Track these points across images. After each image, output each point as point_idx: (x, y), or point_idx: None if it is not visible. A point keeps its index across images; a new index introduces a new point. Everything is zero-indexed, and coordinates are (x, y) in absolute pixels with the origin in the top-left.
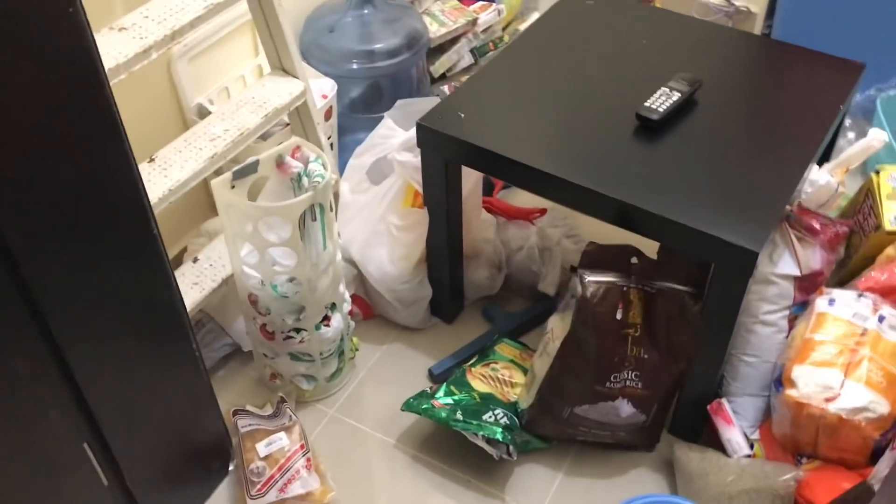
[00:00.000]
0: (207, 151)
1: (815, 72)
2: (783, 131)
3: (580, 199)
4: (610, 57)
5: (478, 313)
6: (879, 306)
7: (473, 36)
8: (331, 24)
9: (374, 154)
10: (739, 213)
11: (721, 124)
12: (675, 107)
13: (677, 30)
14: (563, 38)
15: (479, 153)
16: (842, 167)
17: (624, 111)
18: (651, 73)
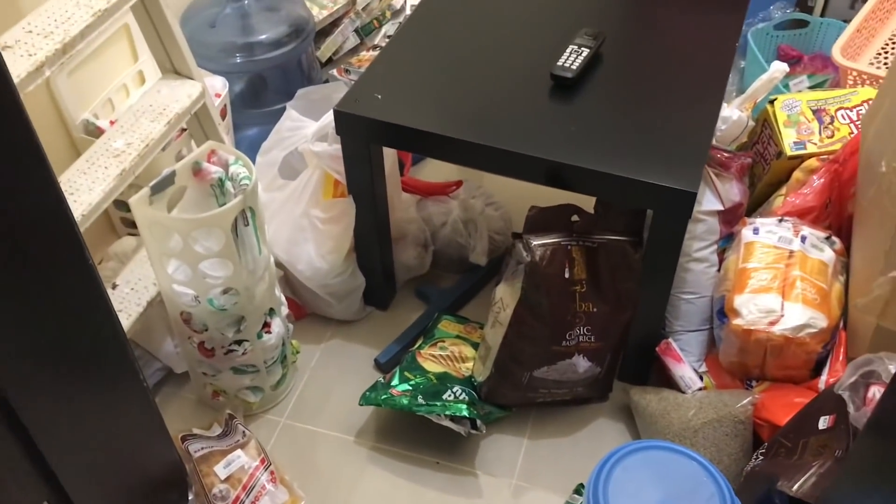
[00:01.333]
0: (114, 169)
1: (704, 12)
2: (690, 73)
3: (512, 165)
4: (510, 19)
5: (411, 295)
6: (800, 228)
7: (355, 15)
8: (210, 19)
9: (284, 148)
10: (669, 158)
11: (632, 74)
12: (586, 63)
13: None
14: (459, 5)
15: (403, 132)
16: (749, 101)
17: (537, 72)
18: (554, 31)
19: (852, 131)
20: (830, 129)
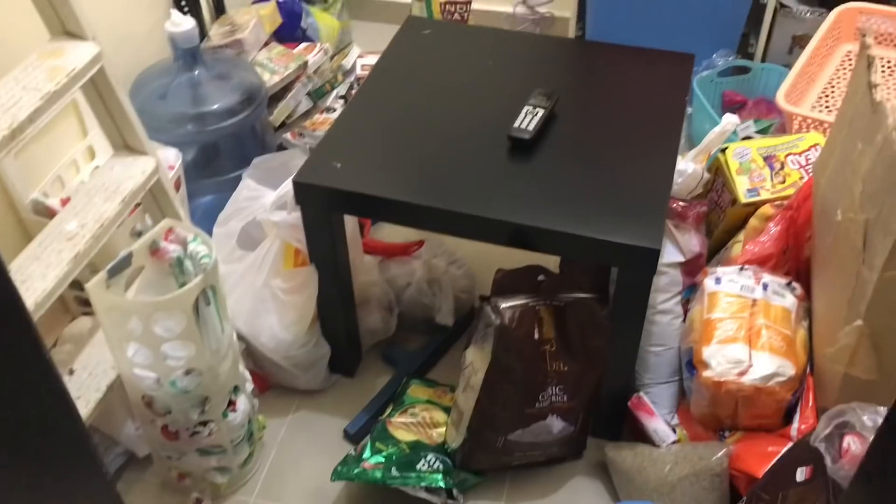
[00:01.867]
0: (68, 253)
1: (652, 67)
2: (644, 128)
3: (476, 229)
4: (465, 82)
5: (378, 360)
6: (760, 276)
7: (307, 79)
8: (161, 90)
9: (242, 219)
10: (630, 215)
11: (587, 132)
12: (542, 123)
13: (516, 46)
14: (413, 69)
15: (364, 201)
16: (703, 154)
17: (494, 133)
18: (508, 93)
19: (803, 176)
20: (781, 174)
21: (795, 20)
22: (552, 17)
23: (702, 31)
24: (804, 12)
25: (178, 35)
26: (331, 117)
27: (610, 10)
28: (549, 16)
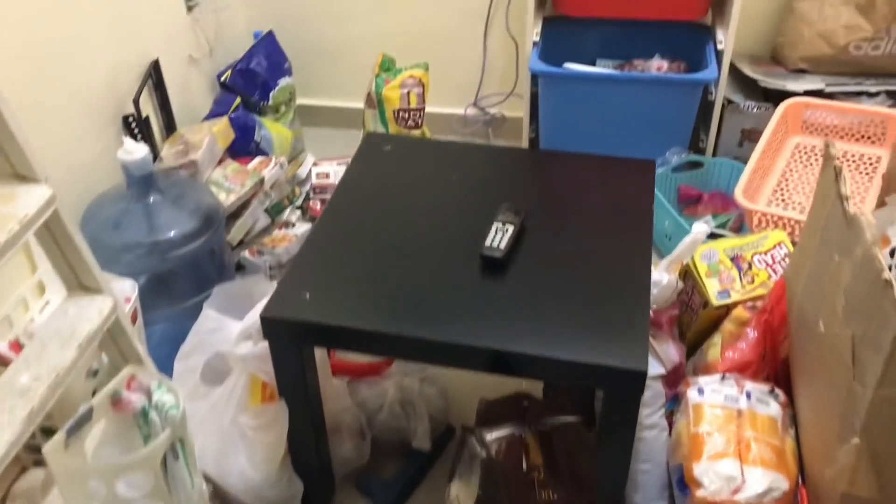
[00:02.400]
0: (21, 410)
1: (614, 175)
2: (615, 239)
3: (455, 356)
4: (431, 199)
5: (353, 490)
6: (742, 384)
7: (264, 196)
8: (114, 219)
9: (205, 352)
10: (611, 334)
11: (558, 247)
12: (512, 240)
13: (478, 159)
14: (377, 188)
15: (335, 332)
16: (676, 263)
17: (465, 254)
18: (476, 209)
19: (770, 275)
20: (749, 274)
21: (743, 115)
22: (503, 118)
23: (654, 130)
24: (751, 107)
25: (131, 163)
26: (290, 233)
27: (562, 112)
28: (500, 116)
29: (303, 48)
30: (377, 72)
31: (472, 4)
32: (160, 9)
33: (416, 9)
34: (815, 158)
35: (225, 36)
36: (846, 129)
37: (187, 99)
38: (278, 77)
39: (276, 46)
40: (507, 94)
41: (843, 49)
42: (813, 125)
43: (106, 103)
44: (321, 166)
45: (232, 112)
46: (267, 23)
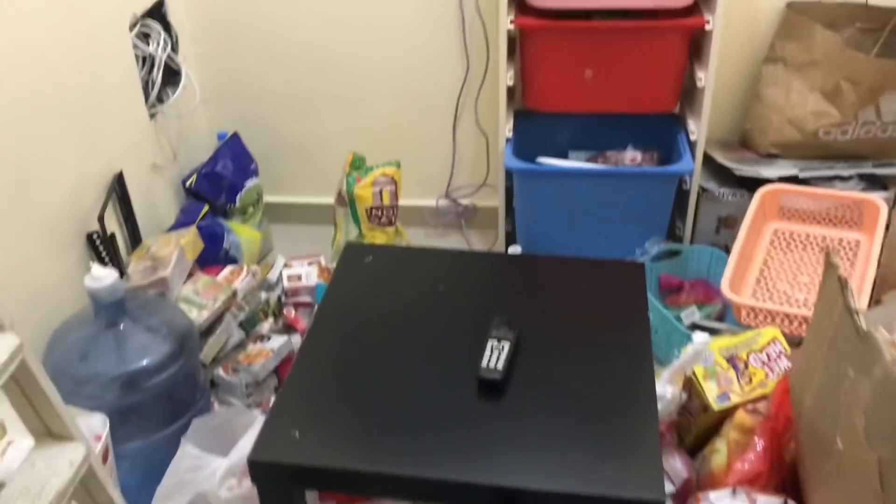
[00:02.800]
0: None
1: (604, 279)
2: (613, 350)
3: (461, 495)
4: (420, 314)
5: None
6: (754, 498)
7: (238, 309)
8: (81, 349)
9: (185, 493)
10: (624, 458)
11: (557, 361)
12: (509, 358)
13: (463, 267)
14: (362, 304)
15: (329, 475)
16: (679, 374)
17: (461, 376)
18: (467, 322)
19: (767, 374)
20: (747, 375)
21: (719, 203)
22: (475, 208)
23: (632, 221)
24: (726, 195)
25: (99, 290)
26: (266, 347)
27: (539, 205)
28: (472, 207)
29: (268, 146)
30: (348, 170)
31: (441, 99)
32: (123, 117)
33: (383, 104)
34: (794, 244)
35: (188, 140)
36: (823, 213)
37: (152, 209)
38: (245, 179)
39: (242, 147)
40: (479, 186)
41: (813, 134)
42: (790, 211)
43: (68, 222)
44: (292, 268)
45: (200, 220)
46: (231, 123)
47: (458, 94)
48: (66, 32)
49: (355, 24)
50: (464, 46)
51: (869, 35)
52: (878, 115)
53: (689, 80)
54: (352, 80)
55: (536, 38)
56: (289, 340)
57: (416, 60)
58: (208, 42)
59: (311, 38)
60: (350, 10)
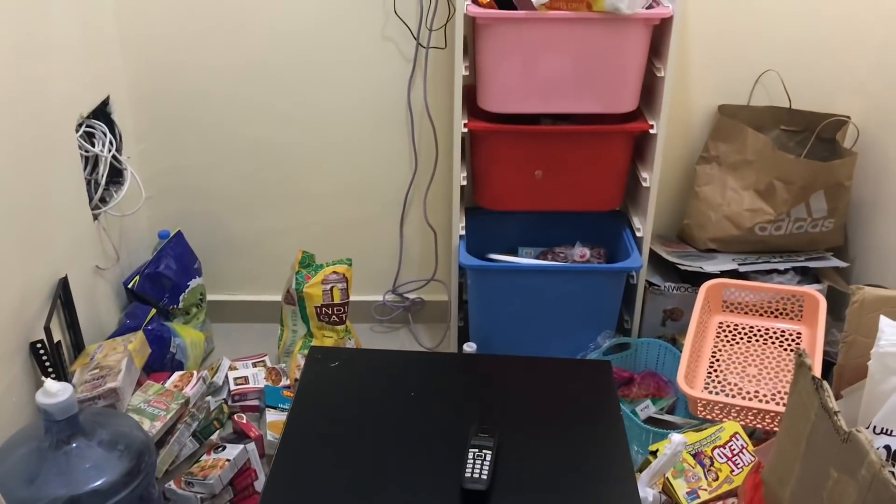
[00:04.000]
0: None
1: (573, 379)
2: (593, 453)
3: None
4: (394, 422)
5: None
6: None
7: (191, 418)
8: (28, 471)
9: None
10: None
11: (537, 465)
12: (493, 466)
13: (431, 369)
14: (332, 413)
15: None
16: (658, 477)
17: (444, 486)
18: (444, 430)
19: (732, 469)
20: (713, 471)
21: (664, 296)
22: (422, 302)
23: (585, 315)
24: (671, 289)
25: (52, 406)
26: (221, 457)
27: (493, 301)
28: (419, 301)
29: (211, 244)
30: (297, 268)
31: (389, 195)
32: (68, 220)
33: (330, 200)
34: (739, 336)
35: (130, 240)
36: (764, 306)
37: (95, 313)
38: (188, 279)
39: (186, 246)
40: (427, 280)
41: (750, 230)
42: (732, 304)
43: (11, 331)
44: (238, 370)
45: (147, 324)
46: (173, 221)
47: (407, 191)
48: (13, 134)
49: (304, 123)
50: (412, 146)
51: (792, 136)
52: (808, 213)
53: (632, 179)
54: (299, 178)
55: (488, 140)
56: (244, 450)
57: (366, 159)
58: (151, 140)
59: (257, 136)
60: (298, 108)
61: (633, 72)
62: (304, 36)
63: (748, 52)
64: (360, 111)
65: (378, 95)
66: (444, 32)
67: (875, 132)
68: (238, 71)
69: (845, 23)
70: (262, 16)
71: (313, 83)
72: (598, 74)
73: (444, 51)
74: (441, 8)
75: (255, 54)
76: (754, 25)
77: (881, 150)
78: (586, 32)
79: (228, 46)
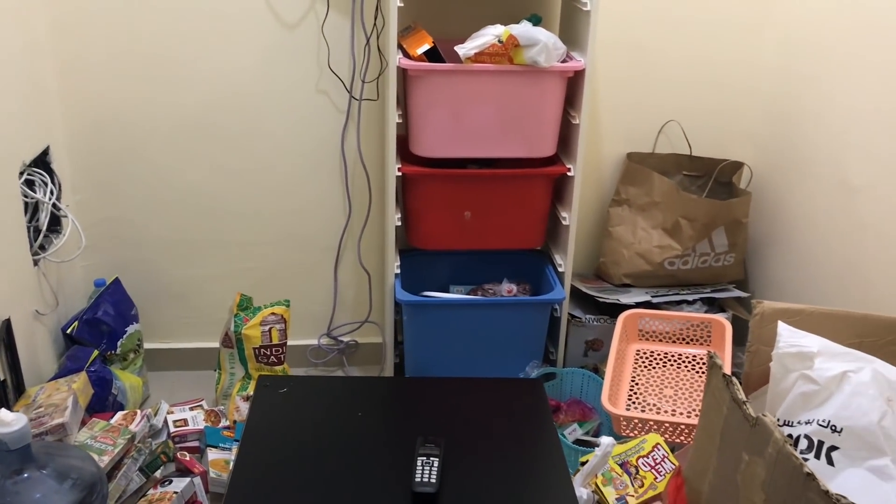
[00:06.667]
0: None
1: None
2: (533, 459)
3: None
4: (345, 440)
5: None
6: None
7: (137, 453)
8: None
9: None
10: None
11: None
12: (440, 471)
13: (375, 391)
14: (285, 436)
15: None
16: (590, 477)
17: (395, 494)
18: (391, 445)
19: (655, 476)
20: (639, 478)
21: (586, 328)
22: (357, 345)
23: (513, 347)
24: (591, 320)
25: (7, 436)
26: (169, 490)
27: (428, 336)
28: (353, 344)
29: (147, 292)
30: (235, 311)
31: (323, 240)
32: (10, 264)
33: (265, 246)
34: (655, 362)
35: (67, 286)
36: (676, 333)
37: (33, 357)
38: (126, 325)
39: (123, 294)
40: (361, 322)
41: (660, 265)
42: (647, 332)
43: None
44: (175, 413)
45: (90, 366)
46: (111, 269)
47: (341, 235)
48: None
49: (239, 173)
50: (346, 191)
51: (694, 181)
52: (711, 247)
53: (552, 219)
54: (235, 226)
55: (420, 183)
56: (191, 482)
57: (301, 206)
58: (89, 189)
59: (194, 185)
60: (234, 159)
61: (552, 119)
62: (240, 89)
63: (651, 103)
64: (295, 161)
65: (312, 146)
66: (377, 85)
67: (766, 174)
68: (175, 123)
69: (737, 74)
70: (200, 70)
71: (249, 135)
72: (520, 121)
73: (377, 102)
74: (373, 62)
75: (192, 107)
76: (656, 78)
77: (773, 190)
78: (508, 83)
79: (166, 99)
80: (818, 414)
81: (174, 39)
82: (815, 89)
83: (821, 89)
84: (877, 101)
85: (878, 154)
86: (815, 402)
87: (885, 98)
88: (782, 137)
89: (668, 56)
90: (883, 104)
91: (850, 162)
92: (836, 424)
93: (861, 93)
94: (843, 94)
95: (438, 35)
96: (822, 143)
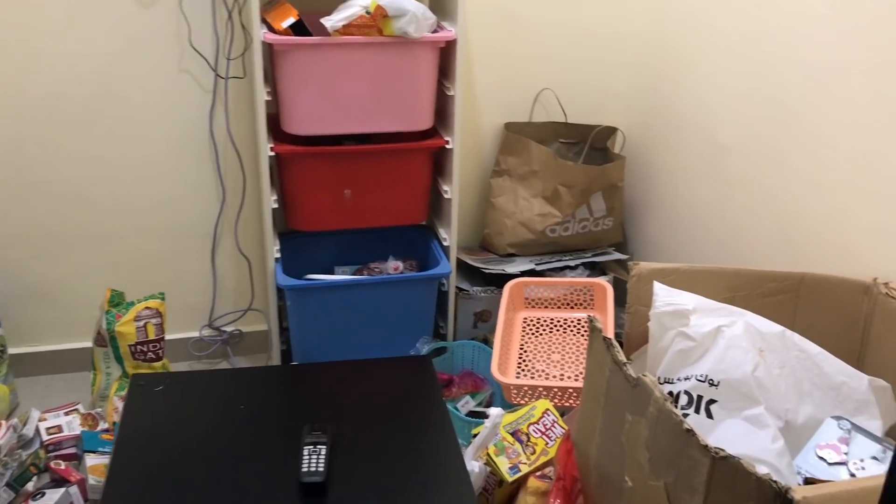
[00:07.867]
0: None
1: (396, 376)
2: (422, 438)
3: None
4: (228, 433)
5: None
6: None
7: (3, 467)
8: None
9: None
10: None
11: (372, 457)
12: (328, 459)
13: (259, 382)
14: (162, 436)
15: None
16: (482, 450)
17: (282, 486)
18: (277, 436)
19: (546, 442)
20: (531, 445)
21: (473, 300)
22: (241, 334)
23: (402, 324)
24: (479, 292)
25: None
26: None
27: (313, 320)
28: (237, 333)
29: (10, 293)
30: (106, 307)
31: (198, 228)
32: None
33: (135, 238)
34: (542, 329)
35: None
36: (560, 299)
37: None
38: None
39: None
40: (244, 311)
41: (542, 233)
42: (533, 300)
43: None
44: (48, 420)
45: None
46: None
47: (216, 221)
48: None
49: (102, 161)
50: (218, 175)
51: (571, 147)
52: (590, 213)
53: (435, 194)
54: (101, 218)
55: (295, 163)
56: (66, 492)
57: (170, 193)
58: None
59: (52, 177)
60: (95, 146)
61: (426, 91)
62: (96, 72)
63: (526, 73)
64: (161, 146)
65: (179, 129)
66: (243, 61)
67: (639, 138)
68: (27, 110)
69: (608, 42)
70: (52, 52)
71: (109, 120)
72: (394, 95)
73: (244, 80)
74: (238, 38)
75: (45, 92)
76: (529, 47)
77: (645, 153)
78: (379, 56)
79: (16, 85)
80: (696, 369)
81: (22, 21)
82: (681, 55)
83: (686, 55)
84: (737, 62)
85: (740, 115)
86: (692, 358)
87: (743, 60)
88: (652, 102)
89: (541, 24)
90: (743, 66)
91: (717, 123)
92: (713, 378)
93: (723, 57)
94: (706, 60)
95: (303, 8)
96: (690, 105)
